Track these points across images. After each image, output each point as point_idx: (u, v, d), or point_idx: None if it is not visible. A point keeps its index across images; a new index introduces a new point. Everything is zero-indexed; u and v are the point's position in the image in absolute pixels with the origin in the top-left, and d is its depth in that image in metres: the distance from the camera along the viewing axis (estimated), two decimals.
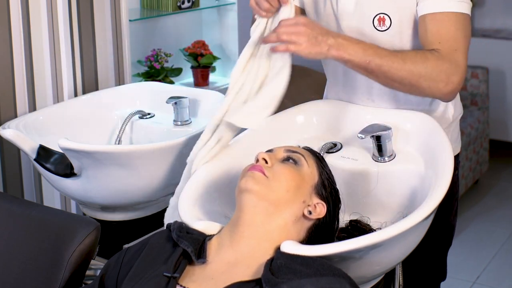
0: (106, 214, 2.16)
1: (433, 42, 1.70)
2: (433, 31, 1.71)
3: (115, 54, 2.54)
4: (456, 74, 1.68)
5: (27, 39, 2.28)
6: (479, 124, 4.14)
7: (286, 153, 1.54)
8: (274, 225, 1.46)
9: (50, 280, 1.64)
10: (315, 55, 1.62)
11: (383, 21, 1.80)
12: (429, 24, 1.72)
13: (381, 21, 1.80)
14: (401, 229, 1.46)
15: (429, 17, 1.73)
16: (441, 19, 1.72)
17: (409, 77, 1.66)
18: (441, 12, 1.72)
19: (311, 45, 1.62)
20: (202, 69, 3.47)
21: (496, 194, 4.17)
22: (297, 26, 1.63)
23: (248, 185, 1.46)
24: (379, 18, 1.80)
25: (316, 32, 1.63)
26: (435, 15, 1.72)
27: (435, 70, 1.66)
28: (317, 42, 1.62)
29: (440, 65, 1.67)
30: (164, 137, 2.22)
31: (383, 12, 1.79)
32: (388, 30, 1.80)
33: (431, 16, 1.73)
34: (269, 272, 1.35)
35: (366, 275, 1.58)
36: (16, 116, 2.28)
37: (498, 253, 3.50)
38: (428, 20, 1.73)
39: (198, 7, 3.44)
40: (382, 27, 1.80)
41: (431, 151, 1.74)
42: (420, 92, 1.70)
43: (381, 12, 1.79)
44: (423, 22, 1.74)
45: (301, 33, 1.61)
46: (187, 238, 1.46)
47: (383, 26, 1.80)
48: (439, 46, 1.69)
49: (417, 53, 1.69)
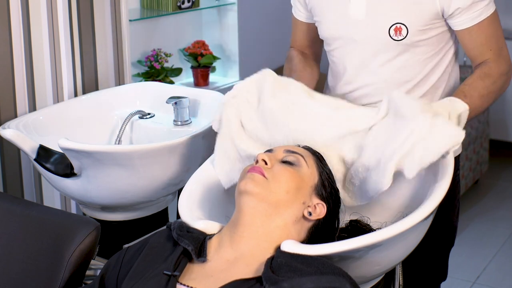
0: (106, 214, 2.16)
1: (485, 51, 1.83)
2: (483, 41, 1.82)
3: (115, 54, 2.53)
4: (509, 69, 1.85)
5: (27, 39, 2.28)
6: (479, 124, 4.14)
7: (285, 153, 1.53)
8: (274, 226, 1.46)
9: (50, 280, 1.64)
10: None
11: (399, 30, 1.80)
12: (477, 35, 1.82)
13: (398, 30, 1.81)
14: (401, 229, 1.46)
15: (475, 28, 1.81)
16: (486, 26, 1.82)
17: (489, 102, 1.83)
18: (483, 20, 1.81)
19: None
20: (202, 69, 3.46)
21: (496, 194, 4.17)
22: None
23: (248, 187, 1.46)
24: (396, 28, 1.80)
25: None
26: (481, 24, 1.81)
27: (500, 81, 1.82)
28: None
29: (500, 74, 1.82)
30: (164, 137, 2.22)
31: (399, 22, 1.80)
32: (404, 40, 1.81)
33: (477, 26, 1.81)
34: (269, 270, 1.36)
35: (366, 275, 1.58)
36: (16, 116, 2.28)
37: (498, 253, 3.50)
38: (475, 31, 1.81)
39: (198, 7, 3.44)
40: (399, 37, 1.81)
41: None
42: (497, 99, 1.87)
43: (397, 22, 1.80)
44: (469, 34, 1.82)
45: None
46: (188, 237, 1.46)
47: (399, 35, 1.81)
48: (491, 53, 1.83)
49: (482, 79, 1.80)
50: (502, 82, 1.83)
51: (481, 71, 1.81)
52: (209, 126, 2.09)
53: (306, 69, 1.98)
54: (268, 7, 3.89)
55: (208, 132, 2.08)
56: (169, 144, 1.99)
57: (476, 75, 1.81)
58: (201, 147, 2.09)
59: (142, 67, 3.28)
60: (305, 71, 1.97)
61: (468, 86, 1.78)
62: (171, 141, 2.00)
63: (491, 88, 1.80)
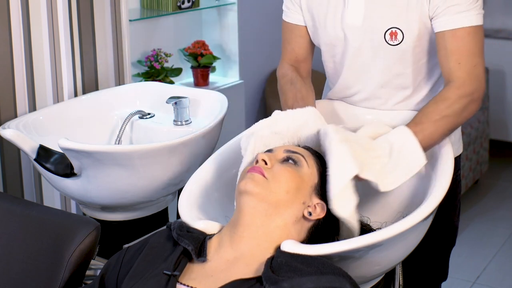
0: (106, 214, 2.16)
1: (453, 64, 1.73)
2: (453, 50, 1.73)
3: (115, 54, 2.53)
4: (478, 90, 1.74)
5: (27, 39, 2.28)
6: (479, 124, 4.14)
7: (285, 153, 1.53)
8: (274, 226, 1.46)
9: (50, 280, 1.64)
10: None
11: (395, 35, 1.79)
12: (449, 42, 1.73)
13: (393, 35, 1.79)
14: (401, 229, 1.46)
15: (448, 34, 1.73)
16: (461, 36, 1.73)
17: (448, 127, 1.72)
18: (461, 28, 1.73)
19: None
20: (202, 69, 3.46)
21: (496, 194, 4.17)
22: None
23: (248, 187, 1.46)
24: (391, 32, 1.79)
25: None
26: (456, 32, 1.73)
27: (458, 104, 1.71)
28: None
29: (459, 97, 1.71)
30: (164, 137, 2.22)
31: (395, 26, 1.78)
32: (400, 44, 1.80)
33: (451, 33, 1.73)
34: (269, 270, 1.35)
35: (366, 275, 1.58)
36: (16, 116, 2.28)
37: (498, 253, 3.50)
38: (448, 37, 1.73)
39: (198, 7, 3.44)
40: (394, 41, 1.80)
41: (432, 151, 1.74)
42: (462, 122, 1.76)
43: (393, 26, 1.78)
44: (442, 39, 1.74)
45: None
46: (188, 236, 1.46)
47: (395, 40, 1.79)
48: (459, 66, 1.73)
49: (437, 103, 1.71)
50: (462, 105, 1.71)
51: (439, 94, 1.74)
52: (209, 126, 2.09)
53: (309, 96, 1.90)
54: (268, 7, 3.89)
55: (208, 132, 2.08)
56: (169, 144, 1.99)
57: (433, 99, 1.74)
58: (201, 147, 2.09)
59: (142, 67, 3.28)
60: (310, 98, 1.89)
61: (421, 112, 1.72)
62: (171, 141, 2.00)
63: (445, 112, 1.70)
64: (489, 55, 4.45)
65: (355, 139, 1.59)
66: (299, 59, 1.97)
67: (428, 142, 1.69)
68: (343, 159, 1.50)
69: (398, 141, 1.64)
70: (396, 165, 1.61)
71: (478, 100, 1.74)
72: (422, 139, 1.67)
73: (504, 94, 4.51)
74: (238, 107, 3.61)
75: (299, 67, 1.97)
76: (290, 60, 1.98)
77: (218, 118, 2.15)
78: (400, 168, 1.61)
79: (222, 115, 2.17)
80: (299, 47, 1.97)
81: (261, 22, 3.82)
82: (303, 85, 1.90)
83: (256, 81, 3.97)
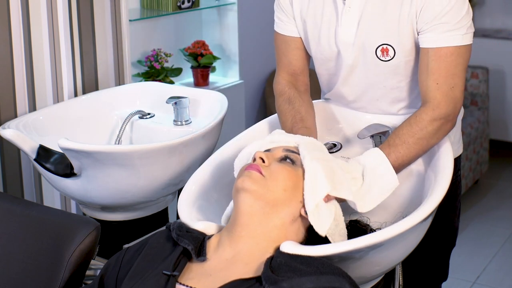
0: (106, 214, 2.16)
1: (431, 82, 1.72)
2: (434, 69, 1.71)
3: (115, 54, 2.54)
4: (453, 111, 1.73)
5: (27, 39, 2.28)
6: (479, 124, 4.14)
7: (284, 152, 1.53)
8: (272, 225, 1.46)
9: (50, 280, 1.64)
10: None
11: (386, 51, 1.78)
12: (431, 60, 1.71)
13: (384, 51, 1.78)
14: (401, 229, 1.46)
15: (432, 52, 1.71)
16: (444, 56, 1.71)
17: (422, 148, 1.71)
18: (445, 47, 1.71)
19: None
20: (202, 69, 3.46)
21: (496, 194, 4.17)
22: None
23: (245, 185, 1.45)
24: (382, 49, 1.78)
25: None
26: (439, 50, 1.71)
27: (431, 126, 1.70)
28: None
29: (432, 119, 1.70)
30: (164, 137, 2.22)
31: (386, 43, 1.77)
32: (392, 60, 1.79)
33: (434, 51, 1.71)
34: (269, 270, 1.35)
35: (366, 275, 1.58)
36: (16, 116, 2.28)
37: (498, 253, 3.50)
38: (431, 55, 1.71)
39: (198, 7, 3.44)
40: (386, 57, 1.79)
41: (432, 152, 1.75)
42: (437, 142, 1.74)
43: (384, 43, 1.77)
44: (425, 56, 1.73)
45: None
46: (187, 236, 1.47)
47: (386, 56, 1.79)
48: (436, 87, 1.71)
49: (411, 125, 1.70)
50: (435, 127, 1.70)
51: (413, 115, 1.73)
52: (209, 126, 2.09)
53: (309, 115, 1.87)
54: (268, 7, 3.86)
55: (208, 132, 2.08)
56: (169, 144, 1.99)
57: (406, 121, 1.72)
58: (201, 147, 2.09)
59: (142, 67, 3.28)
60: (309, 118, 1.87)
61: (394, 134, 1.71)
62: (171, 141, 2.00)
63: (419, 134, 1.69)
64: (489, 55, 4.46)
65: (331, 158, 1.58)
66: (296, 71, 1.93)
67: (402, 163, 1.69)
68: (315, 177, 1.49)
69: (371, 163, 1.64)
70: (370, 187, 1.61)
71: (452, 120, 1.74)
72: (395, 160, 1.67)
73: (504, 94, 4.51)
74: (238, 107, 3.61)
75: (296, 80, 1.93)
76: (287, 73, 1.93)
77: (218, 118, 2.15)
78: (374, 190, 1.61)
79: (222, 115, 2.17)
80: (296, 59, 1.92)
81: (261, 22, 3.82)
82: (301, 104, 1.87)
83: (256, 81, 3.97)
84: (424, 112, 1.71)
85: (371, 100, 1.88)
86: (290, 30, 1.91)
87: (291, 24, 1.90)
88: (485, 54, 4.40)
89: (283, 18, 1.91)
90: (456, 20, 1.69)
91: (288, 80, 1.92)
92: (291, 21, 1.90)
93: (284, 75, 1.93)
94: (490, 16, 4.63)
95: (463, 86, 1.74)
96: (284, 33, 1.92)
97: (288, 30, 1.91)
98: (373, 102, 1.88)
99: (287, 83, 1.91)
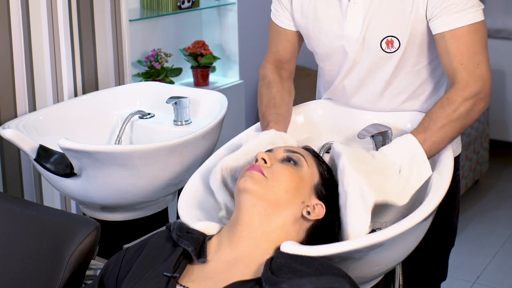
0: (106, 214, 2.16)
1: (456, 64, 1.72)
2: (454, 51, 1.72)
3: (115, 54, 2.53)
4: (483, 89, 1.73)
5: (27, 39, 2.28)
6: (479, 124, 4.14)
7: (285, 153, 1.53)
8: (273, 226, 1.45)
9: (50, 280, 1.64)
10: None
11: (391, 43, 1.79)
12: (449, 43, 1.72)
13: (389, 43, 1.79)
14: (401, 229, 1.46)
15: (448, 35, 1.72)
16: (461, 36, 1.72)
17: (456, 130, 1.71)
18: (460, 28, 1.72)
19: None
20: (202, 69, 3.46)
21: (496, 194, 4.17)
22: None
23: (247, 185, 1.46)
24: (387, 41, 1.79)
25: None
26: (455, 32, 1.72)
27: (463, 106, 1.70)
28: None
29: (464, 99, 1.70)
30: (164, 137, 2.22)
31: (391, 34, 1.78)
32: (396, 52, 1.80)
33: (450, 33, 1.72)
34: (269, 271, 1.35)
35: (366, 275, 1.58)
36: (16, 116, 2.28)
37: (498, 253, 3.50)
38: (448, 38, 1.72)
39: (198, 7, 3.44)
40: (391, 49, 1.80)
41: None
42: (471, 123, 1.75)
43: (389, 35, 1.78)
44: (442, 40, 1.74)
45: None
46: (188, 237, 1.46)
47: (391, 48, 1.79)
48: (462, 67, 1.72)
49: (443, 107, 1.71)
50: (468, 107, 1.71)
51: (444, 97, 1.73)
52: (209, 126, 2.09)
53: (283, 102, 1.90)
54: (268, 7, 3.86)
55: (208, 132, 2.08)
56: (169, 144, 1.99)
57: (439, 103, 1.73)
58: (201, 147, 2.09)
59: (142, 67, 3.28)
60: (283, 105, 1.89)
61: (428, 117, 1.72)
62: (171, 141, 2.00)
63: (452, 116, 1.70)
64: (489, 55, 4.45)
65: (368, 162, 1.60)
66: (282, 60, 1.98)
67: (437, 148, 1.70)
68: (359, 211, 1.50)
69: (406, 156, 1.65)
70: (407, 180, 1.63)
71: (485, 99, 1.74)
72: (430, 145, 1.68)
73: (504, 94, 4.51)
74: (238, 107, 3.61)
75: (281, 67, 1.98)
76: (273, 60, 1.98)
77: (218, 118, 2.15)
78: (410, 182, 1.63)
79: (222, 115, 2.17)
80: (284, 50, 1.97)
81: (261, 22, 3.81)
82: (279, 90, 1.90)
83: (256, 81, 3.94)
84: (455, 93, 1.72)
85: (372, 93, 1.87)
86: (284, 23, 1.95)
87: (285, 17, 1.94)
88: None
89: (278, 10, 1.95)
90: (464, 1, 1.71)
91: (273, 65, 1.97)
92: (286, 15, 1.93)
93: (270, 60, 1.99)
94: (490, 16, 4.63)
95: (488, 63, 1.75)
96: (278, 23, 1.97)
97: (282, 22, 1.95)
98: (373, 96, 1.88)
99: (272, 67, 1.97)
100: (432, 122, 1.70)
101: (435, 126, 1.69)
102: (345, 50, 1.84)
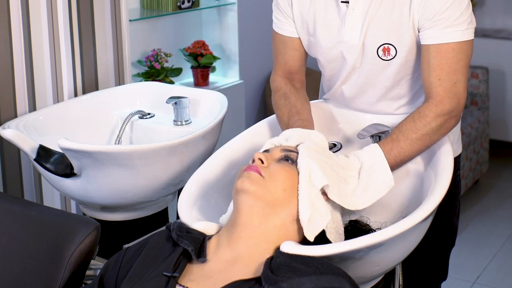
0: (106, 214, 2.16)
1: (434, 78, 1.72)
2: (435, 65, 1.72)
3: (115, 54, 2.54)
4: (457, 107, 1.73)
5: (27, 39, 2.28)
6: (479, 124, 4.14)
7: (282, 152, 1.53)
8: (272, 225, 1.45)
9: (50, 280, 1.64)
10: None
11: (388, 51, 1.79)
12: (432, 56, 1.72)
13: (386, 51, 1.79)
14: (401, 229, 1.46)
15: (433, 48, 1.72)
16: (445, 52, 1.71)
17: (424, 144, 1.71)
18: (446, 44, 1.71)
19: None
20: (202, 69, 3.47)
21: (496, 194, 4.17)
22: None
23: (244, 186, 1.45)
24: (384, 48, 1.79)
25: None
26: (440, 47, 1.71)
27: (435, 122, 1.71)
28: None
29: (437, 115, 1.70)
30: (164, 137, 2.22)
31: (387, 42, 1.78)
32: (393, 59, 1.80)
33: (435, 47, 1.72)
34: (268, 270, 1.35)
35: (366, 275, 1.58)
36: (16, 116, 2.28)
37: (498, 253, 3.50)
38: (432, 51, 1.72)
39: (198, 7, 3.44)
40: (387, 57, 1.79)
41: (431, 151, 1.75)
42: (440, 138, 1.74)
43: (385, 42, 1.78)
44: (427, 52, 1.73)
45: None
46: (187, 237, 1.46)
47: (388, 55, 1.79)
48: (439, 83, 1.71)
49: (414, 121, 1.71)
50: (439, 123, 1.70)
51: (416, 110, 1.73)
52: (209, 126, 2.09)
53: (305, 109, 1.88)
54: (268, 7, 3.86)
55: (208, 132, 2.08)
56: (169, 144, 1.99)
57: (410, 116, 1.72)
58: (201, 147, 2.09)
59: (142, 67, 3.28)
60: (305, 111, 1.87)
61: (397, 129, 1.72)
62: (171, 141, 2.00)
63: (423, 130, 1.70)
64: (489, 55, 4.46)
65: (328, 156, 1.59)
66: (292, 71, 1.95)
67: (403, 159, 1.70)
68: (311, 171, 1.49)
69: (368, 161, 1.65)
70: (366, 186, 1.62)
71: (456, 117, 1.74)
72: (397, 156, 1.68)
73: (504, 94, 4.51)
74: (238, 107, 3.61)
75: (292, 78, 1.95)
76: (283, 72, 1.95)
77: (218, 118, 2.15)
78: (369, 189, 1.62)
79: (222, 115, 2.17)
80: (293, 60, 1.94)
81: (261, 22, 3.82)
82: (297, 98, 1.89)
83: (256, 81, 3.97)
84: (427, 108, 1.71)
85: (371, 98, 1.88)
86: (288, 31, 1.92)
87: (289, 25, 1.91)
88: (485, 54, 4.41)
89: (280, 19, 1.92)
90: (456, 16, 1.70)
91: (284, 77, 1.94)
92: (290, 22, 1.91)
93: (280, 73, 1.95)
94: (490, 16, 4.63)
95: (466, 82, 1.74)
96: (282, 33, 1.93)
97: (286, 30, 1.92)
98: (373, 101, 1.88)
99: (283, 79, 1.94)
100: (401, 134, 1.70)
101: (403, 138, 1.69)
102: (344, 56, 1.84)
